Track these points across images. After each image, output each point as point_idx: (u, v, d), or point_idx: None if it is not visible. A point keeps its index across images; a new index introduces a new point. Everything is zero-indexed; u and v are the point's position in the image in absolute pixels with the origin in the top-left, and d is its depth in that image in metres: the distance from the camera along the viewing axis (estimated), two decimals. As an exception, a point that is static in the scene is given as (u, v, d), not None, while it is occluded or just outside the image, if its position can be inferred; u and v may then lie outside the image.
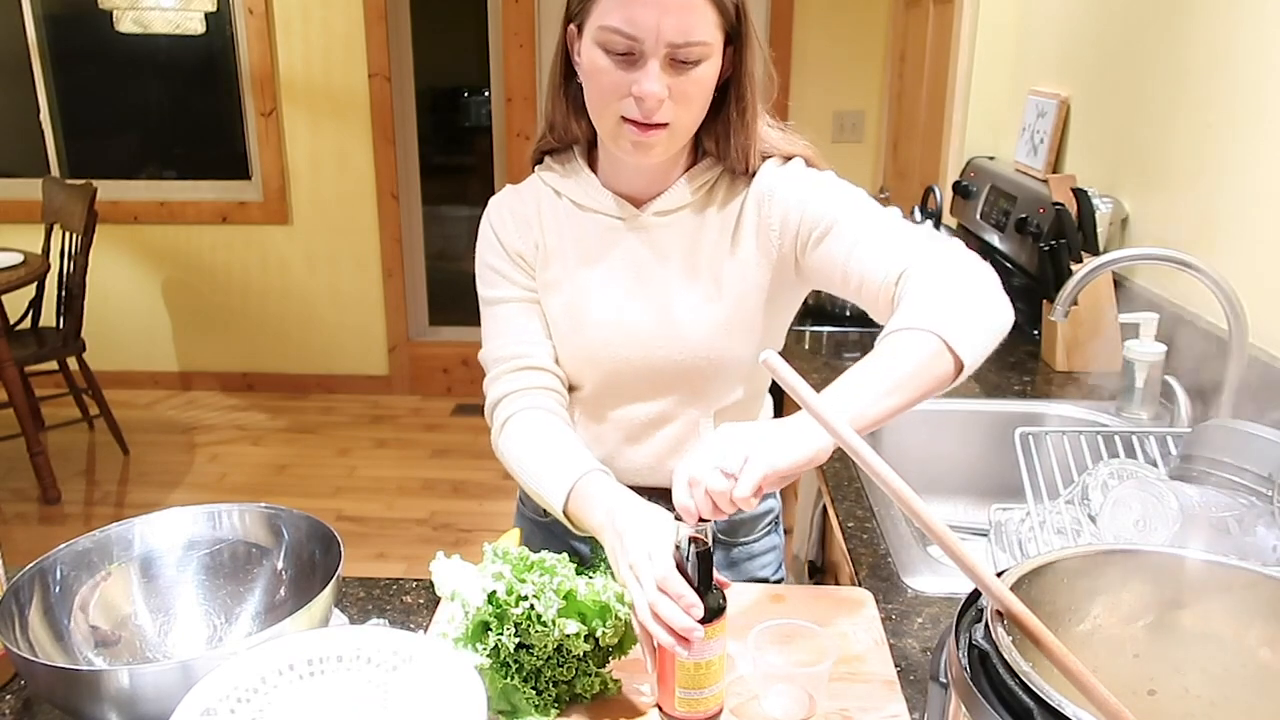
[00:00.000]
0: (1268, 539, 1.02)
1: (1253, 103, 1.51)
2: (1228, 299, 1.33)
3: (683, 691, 0.89)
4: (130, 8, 3.96)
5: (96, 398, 3.65)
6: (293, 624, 0.85)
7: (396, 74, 4.02)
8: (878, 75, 3.84)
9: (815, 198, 1.09)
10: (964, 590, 0.68)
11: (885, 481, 0.69)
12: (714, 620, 0.87)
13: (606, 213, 1.15)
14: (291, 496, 3.43)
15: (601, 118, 1.06)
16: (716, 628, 0.87)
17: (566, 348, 1.17)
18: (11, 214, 4.10)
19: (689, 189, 1.14)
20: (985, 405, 1.74)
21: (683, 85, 1.01)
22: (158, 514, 1.03)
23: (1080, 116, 2.17)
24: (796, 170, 1.12)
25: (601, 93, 1.03)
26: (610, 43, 0.99)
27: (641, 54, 0.99)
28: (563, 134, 1.16)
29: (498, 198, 1.22)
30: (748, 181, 1.15)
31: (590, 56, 1.02)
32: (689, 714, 0.90)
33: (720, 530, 1.26)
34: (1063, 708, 0.54)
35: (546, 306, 1.18)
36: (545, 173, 1.20)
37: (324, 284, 4.23)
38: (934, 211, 2.64)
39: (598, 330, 1.15)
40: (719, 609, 0.88)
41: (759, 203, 1.12)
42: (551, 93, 1.14)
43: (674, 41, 0.98)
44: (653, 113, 1.01)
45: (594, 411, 1.21)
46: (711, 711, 0.91)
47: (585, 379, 1.19)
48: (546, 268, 1.17)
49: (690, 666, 0.88)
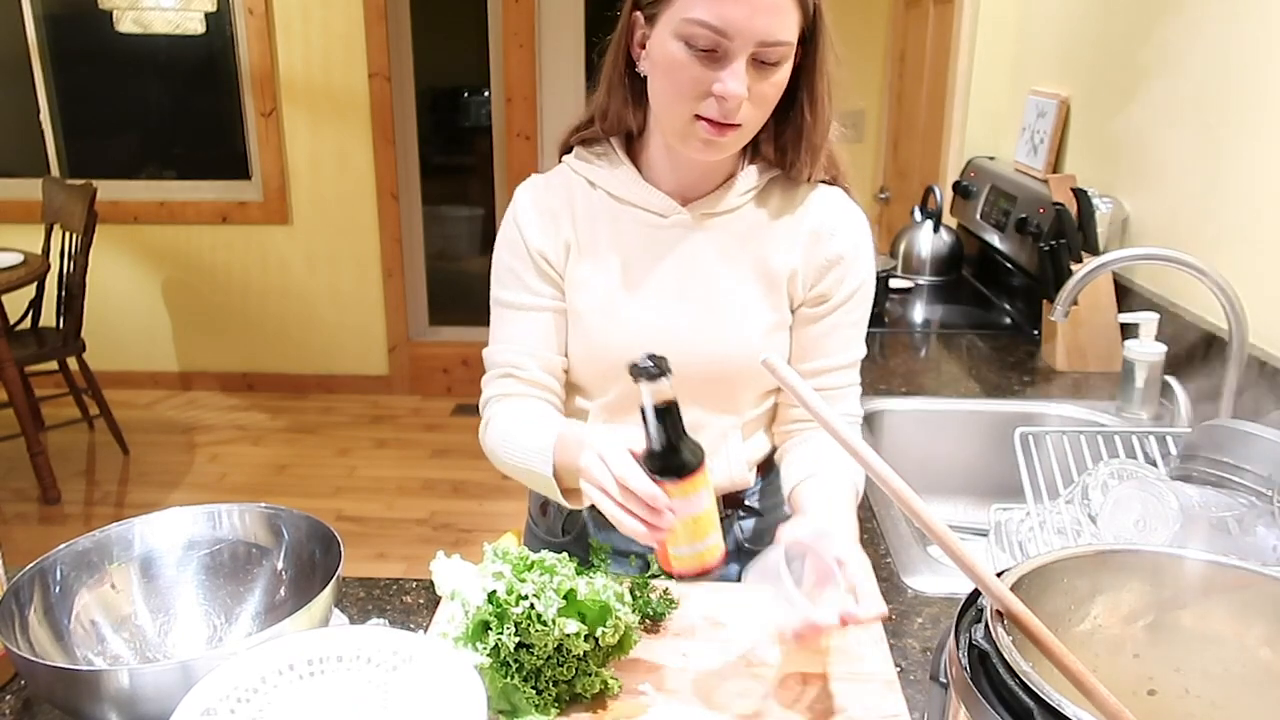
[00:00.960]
0: (1268, 539, 1.02)
1: (1253, 103, 1.51)
2: (1228, 299, 1.33)
3: (677, 549, 0.88)
4: (130, 8, 3.97)
5: (96, 398, 3.65)
6: (293, 624, 0.85)
7: (396, 74, 4.02)
8: (878, 75, 3.84)
9: (841, 320, 1.13)
10: (964, 590, 0.68)
11: (885, 481, 0.69)
12: (692, 474, 0.85)
13: (649, 209, 1.11)
14: (291, 496, 3.43)
15: (671, 114, 1.02)
16: (696, 481, 0.86)
17: (595, 348, 1.14)
18: (11, 214, 4.10)
19: (739, 191, 1.11)
20: (985, 405, 1.74)
21: (762, 87, 0.98)
22: (158, 514, 1.02)
23: (1080, 116, 2.17)
24: (864, 256, 1.13)
25: (679, 88, 0.99)
26: (695, 37, 0.95)
27: (728, 52, 0.95)
28: (614, 124, 1.11)
29: (526, 189, 1.17)
30: (807, 191, 1.13)
31: (667, 50, 0.98)
32: (689, 569, 0.89)
33: (748, 540, 1.25)
34: (1063, 708, 0.54)
35: (575, 303, 1.14)
36: (577, 162, 1.15)
37: (324, 284, 4.23)
38: (934, 211, 2.64)
39: (633, 330, 1.11)
40: (696, 462, 0.86)
41: (817, 237, 1.11)
42: (608, 80, 1.09)
43: (764, 40, 0.95)
44: (733, 113, 0.98)
45: (619, 415, 1.17)
46: (710, 563, 0.90)
47: (612, 384, 1.15)
48: (578, 264, 1.13)
49: (680, 526, 0.87)
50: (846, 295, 1.13)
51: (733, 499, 1.23)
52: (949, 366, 1.98)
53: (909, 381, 1.86)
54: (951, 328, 2.28)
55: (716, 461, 1.18)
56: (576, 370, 1.17)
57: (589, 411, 1.19)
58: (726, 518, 1.23)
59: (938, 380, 1.89)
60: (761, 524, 1.25)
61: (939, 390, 1.82)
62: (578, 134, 1.16)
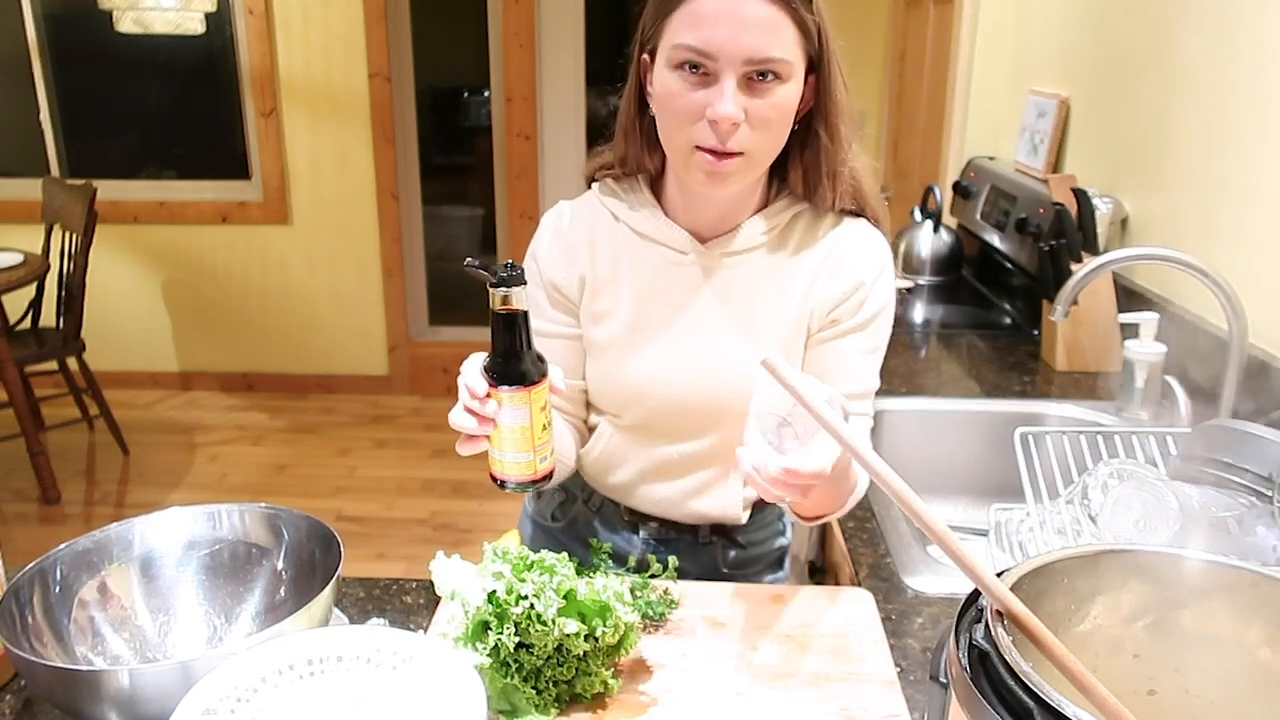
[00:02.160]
0: (1268, 539, 1.02)
1: (1252, 103, 1.51)
2: (1228, 299, 1.33)
3: (499, 453, 0.93)
4: (130, 8, 3.97)
5: (96, 398, 3.65)
6: (293, 624, 0.85)
7: (396, 74, 4.02)
8: (878, 75, 3.84)
9: (852, 347, 1.11)
10: (964, 590, 0.68)
11: (885, 481, 0.69)
12: (525, 386, 0.90)
13: (671, 245, 1.11)
14: (291, 496, 3.43)
15: (673, 146, 1.01)
16: (528, 395, 0.90)
17: (612, 379, 1.14)
18: (11, 214, 4.10)
19: (762, 229, 1.10)
20: (985, 405, 1.74)
21: (760, 109, 0.96)
22: (158, 514, 1.02)
23: (1080, 116, 2.17)
24: (882, 285, 1.11)
25: (674, 117, 0.99)
26: (684, 62, 0.95)
27: (716, 74, 0.95)
28: (634, 168, 1.12)
29: (551, 219, 1.16)
30: (833, 223, 1.11)
31: (663, 80, 0.98)
32: (506, 476, 0.94)
33: (729, 566, 1.26)
34: (1063, 708, 0.54)
35: (594, 335, 1.14)
36: (605, 195, 1.15)
37: (324, 284, 4.23)
38: (934, 211, 2.64)
39: (650, 366, 1.12)
40: (532, 376, 0.90)
41: (835, 267, 1.10)
42: (625, 126, 1.09)
43: (751, 58, 0.94)
44: (728, 137, 0.96)
45: (629, 439, 1.18)
46: (523, 476, 0.94)
47: (627, 411, 1.16)
48: (595, 299, 1.13)
49: (505, 432, 0.91)
50: (860, 322, 1.11)
51: (720, 529, 1.24)
52: (949, 366, 1.98)
53: (909, 381, 1.86)
54: (951, 328, 2.28)
55: (713, 495, 1.19)
56: (594, 395, 1.19)
57: (609, 433, 1.19)
58: (711, 543, 1.25)
59: (938, 380, 1.89)
60: (745, 555, 1.28)
61: (939, 390, 1.82)
62: (603, 172, 1.16)
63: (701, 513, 1.20)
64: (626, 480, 1.20)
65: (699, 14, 0.94)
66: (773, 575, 1.33)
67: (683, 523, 1.22)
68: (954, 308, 2.43)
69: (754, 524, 1.26)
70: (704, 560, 1.25)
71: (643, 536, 1.24)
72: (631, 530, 1.25)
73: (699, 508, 1.20)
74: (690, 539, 1.24)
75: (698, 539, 1.24)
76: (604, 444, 1.19)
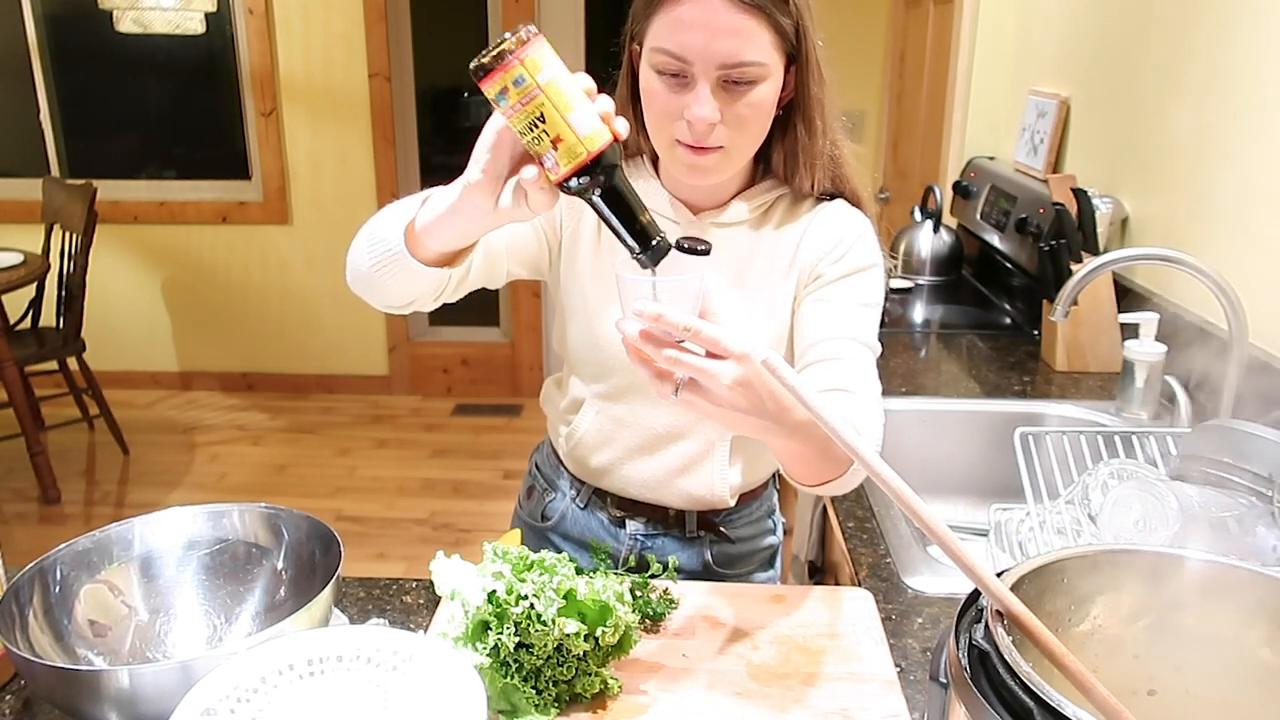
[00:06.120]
0: (1268, 539, 1.02)
1: (1252, 103, 1.51)
2: (1228, 299, 1.33)
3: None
4: (130, 8, 3.96)
5: (96, 398, 3.65)
6: (293, 624, 0.85)
7: (396, 74, 4.02)
8: (878, 75, 3.84)
9: (837, 295, 1.10)
10: (964, 590, 0.68)
11: (885, 481, 0.68)
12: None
13: (660, 213, 1.14)
14: (291, 496, 3.43)
15: (656, 139, 1.05)
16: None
17: (599, 338, 1.16)
18: (11, 214, 4.10)
19: (746, 208, 1.13)
20: (985, 405, 1.74)
21: (737, 108, 0.99)
22: (158, 514, 1.02)
23: (1080, 116, 2.17)
24: (863, 244, 1.11)
25: (656, 115, 1.03)
26: (662, 65, 0.98)
27: (692, 77, 0.98)
28: (633, 149, 1.16)
29: None
30: (811, 205, 1.14)
31: (646, 78, 1.02)
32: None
33: (717, 562, 1.27)
34: (1063, 708, 0.54)
35: (574, 296, 1.16)
36: None
37: (324, 284, 4.23)
38: (934, 211, 2.64)
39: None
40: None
41: (815, 238, 1.12)
42: (619, 109, 1.11)
43: (725, 63, 0.96)
44: (704, 136, 1.00)
45: (611, 410, 1.20)
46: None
47: (610, 375, 1.18)
48: (574, 257, 1.16)
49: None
50: (844, 272, 1.11)
51: (707, 521, 1.25)
52: (949, 366, 1.98)
53: (909, 381, 1.86)
54: (951, 328, 2.28)
55: (698, 474, 1.20)
56: (576, 356, 1.20)
57: (584, 399, 1.21)
58: (699, 537, 1.25)
59: (938, 380, 1.89)
60: (732, 550, 1.28)
61: (939, 390, 1.82)
62: None
63: (687, 492, 1.21)
64: (610, 460, 1.21)
65: (678, 20, 0.97)
66: (764, 574, 1.33)
67: (670, 509, 1.23)
68: (954, 308, 2.43)
69: (742, 518, 1.27)
70: (693, 556, 1.25)
71: (630, 531, 1.25)
72: (619, 525, 1.25)
73: (684, 486, 1.20)
74: (678, 533, 1.24)
75: (685, 532, 1.24)
76: (588, 423, 1.21)
